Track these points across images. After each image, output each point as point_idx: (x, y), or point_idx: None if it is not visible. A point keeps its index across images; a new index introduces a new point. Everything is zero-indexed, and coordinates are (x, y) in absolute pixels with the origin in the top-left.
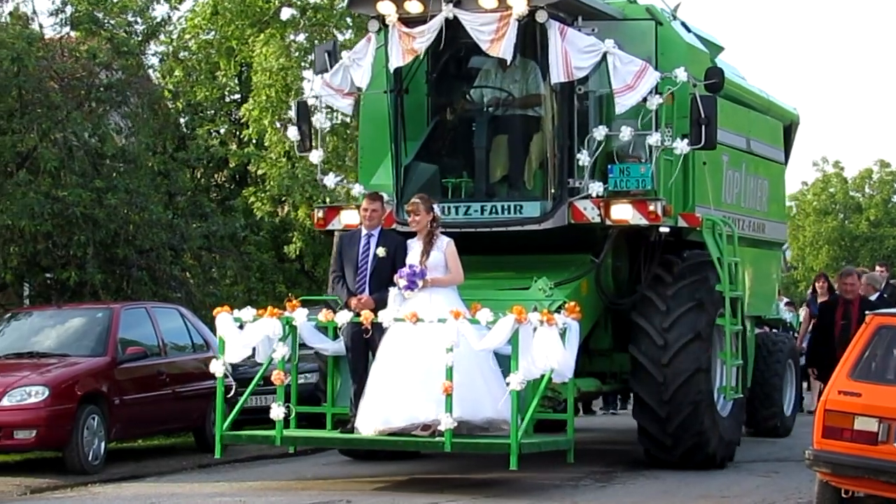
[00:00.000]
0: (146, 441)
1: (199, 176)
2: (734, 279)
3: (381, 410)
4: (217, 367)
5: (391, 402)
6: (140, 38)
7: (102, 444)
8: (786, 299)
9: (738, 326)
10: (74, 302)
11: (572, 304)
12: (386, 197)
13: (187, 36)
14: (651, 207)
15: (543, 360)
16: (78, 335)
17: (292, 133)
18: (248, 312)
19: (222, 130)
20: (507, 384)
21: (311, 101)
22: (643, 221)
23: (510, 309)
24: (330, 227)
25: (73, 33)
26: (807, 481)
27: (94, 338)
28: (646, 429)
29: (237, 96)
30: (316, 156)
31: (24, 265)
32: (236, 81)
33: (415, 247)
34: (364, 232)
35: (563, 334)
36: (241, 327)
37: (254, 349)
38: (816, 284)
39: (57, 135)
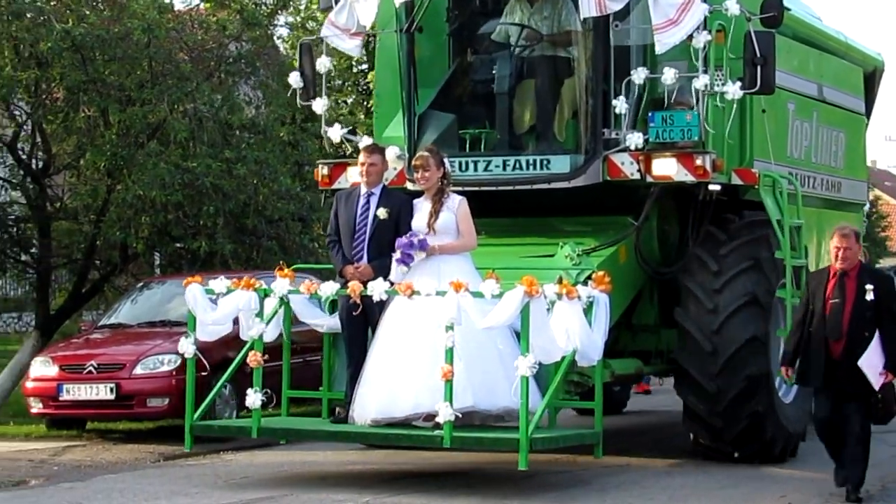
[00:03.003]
0: (277, 409)
1: (327, 146)
2: (797, 245)
3: (377, 398)
4: (186, 347)
5: (390, 388)
6: (269, 10)
7: (234, 412)
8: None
9: None
10: (205, 271)
11: (600, 273)
12: (398, 151)
13: (314, 6)
14: (698, 162)
15: (563, 339)
16: None
17: (294, 79)
18: (220, 283)
19: (350, 100)
20: (516, 368)
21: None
22: (689, 178)
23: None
24: (336, 185)
25: (202, 5)
26: None
27: None
28: (691, 408)
29: (364, 66)
30: (320, 105)
31: (154, 235)
32: (363, 51)
33: (422, 207)
34: (363, 190)
35: (588, 309)
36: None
37: (236, 324)
38: None
39: (187, 105)
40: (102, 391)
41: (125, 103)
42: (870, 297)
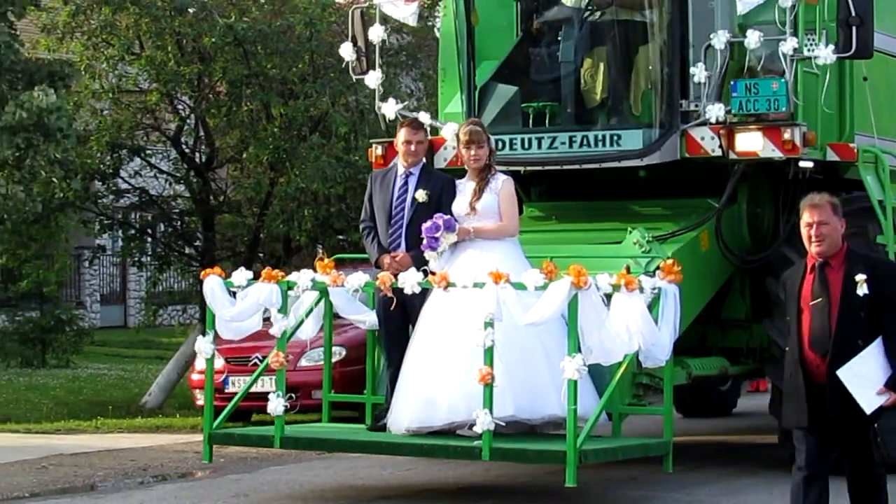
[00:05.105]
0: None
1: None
2: None
3: (412, 404)
4: (204, 346)
5: (425, 393)
6: (430, 2)
7: None
8: None
9: None
10: (367, 263)
11: (669, 262)
12: (456, 128)
13: None
14: (786, 135)
15: (625, 337)
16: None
17: (346, 51)
18: (240, 276)
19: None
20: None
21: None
22: (777, 154)
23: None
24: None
25: None
26: None
27: None
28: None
29: None
30: (373, 78)
31: (317, 227)
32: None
33: (465, 189)
34: (401, 170)
35: (654, 303)
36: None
37: (265, 321)
38: None
39: (349, 98)
40: (268, 383)
41: (287, 97)
42: (863, 290)
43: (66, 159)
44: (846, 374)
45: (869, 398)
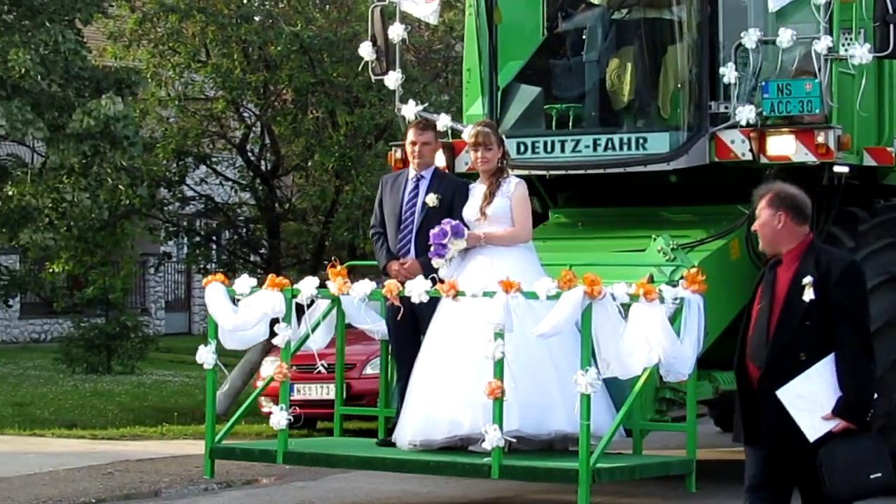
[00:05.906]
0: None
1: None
2: None
3: (416, 418)
4: (206, 356)
5: (429, 406)
6: None
7: None
8: None
9: None
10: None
11: (693, 271)
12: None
13: None
14: (820, 139)
15: (644, 349)
16: None
17: (365, 50)
18: (243, 283)
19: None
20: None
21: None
22: (810, 158)
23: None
24: None
25: None
26: None
27: None
28: None
29: None
30: (393, 79)
31: None
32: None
33: (476, 192)
34: (412, 174)
35: (677, 314)
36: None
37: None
38: None
39: None
40: (333, 391)
41: (353, 105)
42: (809, 295)
43: (132, 166)
44: (787, 395)
45: (813, 423)
